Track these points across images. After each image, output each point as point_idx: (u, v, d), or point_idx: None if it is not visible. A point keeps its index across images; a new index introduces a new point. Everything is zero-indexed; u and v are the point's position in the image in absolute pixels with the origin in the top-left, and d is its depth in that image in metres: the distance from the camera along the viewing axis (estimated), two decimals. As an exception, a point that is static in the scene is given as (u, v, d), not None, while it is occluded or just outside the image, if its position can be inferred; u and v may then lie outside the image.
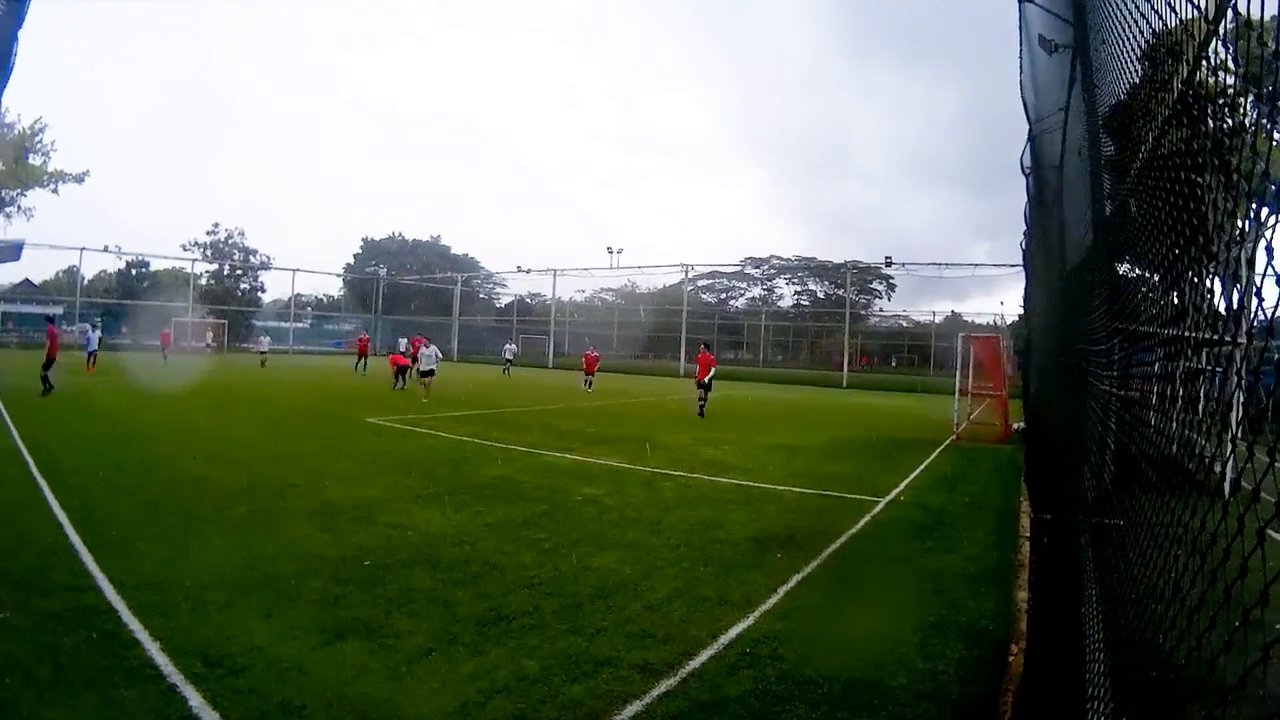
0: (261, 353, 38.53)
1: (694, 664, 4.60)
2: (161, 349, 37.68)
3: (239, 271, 67.80)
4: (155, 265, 65.34)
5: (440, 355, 24.15)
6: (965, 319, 60.67)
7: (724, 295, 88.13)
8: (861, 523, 8.61)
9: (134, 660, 4.24)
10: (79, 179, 49.00)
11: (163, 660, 4.24)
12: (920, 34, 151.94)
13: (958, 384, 20.43)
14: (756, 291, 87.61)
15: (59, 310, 58.72)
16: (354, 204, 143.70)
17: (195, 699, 3.84)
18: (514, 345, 46.75)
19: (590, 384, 29.59)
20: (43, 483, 8.46)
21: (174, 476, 9.31)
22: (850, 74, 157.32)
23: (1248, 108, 1.66)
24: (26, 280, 62.64)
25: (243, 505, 7.99)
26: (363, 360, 36.70)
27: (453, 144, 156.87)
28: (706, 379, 21.12)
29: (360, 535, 7.05)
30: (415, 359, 24.78)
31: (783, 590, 6.06)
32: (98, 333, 26.84)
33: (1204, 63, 1.82)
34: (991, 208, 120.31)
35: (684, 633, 5.08)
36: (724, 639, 5.00)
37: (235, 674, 4.15)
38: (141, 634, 4.57)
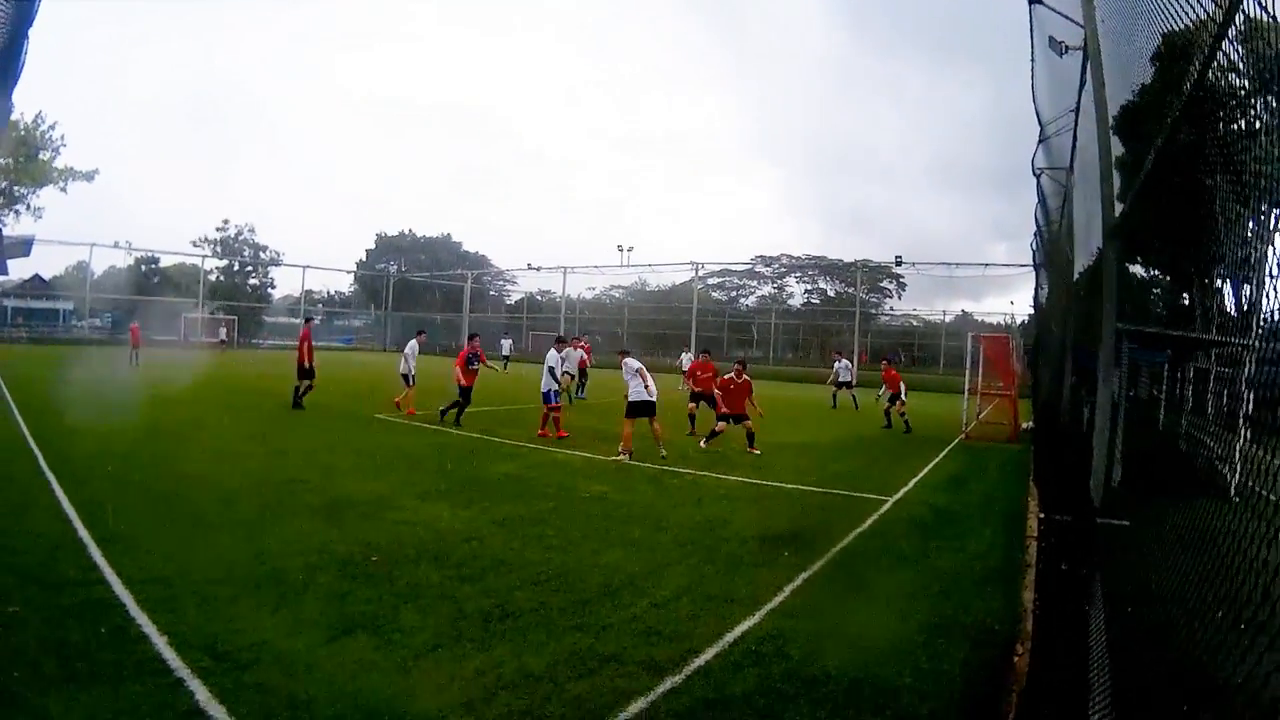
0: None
1: (699, 661, 4.59)
2: (131, 348, 30.07)
3: (249, 268, 68.05)
4: (165, 261, 65.77)
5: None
6: (975, 318, 60.47)
7: (734, 294, 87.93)
8: (869, 521, 8.58)
9: (141, 654, 4.27)
10: (88, 177, 49.08)
11: (170, 654, 4.26)
12: (940, 31, 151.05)
13: (967, 383, 20.35)
14: (767, 290, 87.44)
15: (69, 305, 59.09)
16: (365, 202, 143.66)
17: (202, 693, 3.86)
18: (510, 339, 44.72)
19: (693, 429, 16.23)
20: (51, 476, 8.52)
21: (183, 472, 9.36)
22: (869, 71, 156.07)
23: (1259, 109, 1.64)
24: (37, 276, 62.74)
25: (251, 500, 8.03)
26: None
27: (464, 141, 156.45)
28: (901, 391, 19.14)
29: (368, 531, 7.07)
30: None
31: (789, 588, 6.05)
32: None
33: (1214, 64, 1.80)
34: (1013, 207, 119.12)
35: (690, 630, 5.08)
36: (730, 637, 5.00)
37: (242, 668, 4.17)
38: (149, 628, 4.60)
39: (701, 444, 13.89)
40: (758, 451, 13.41)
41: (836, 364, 25.98)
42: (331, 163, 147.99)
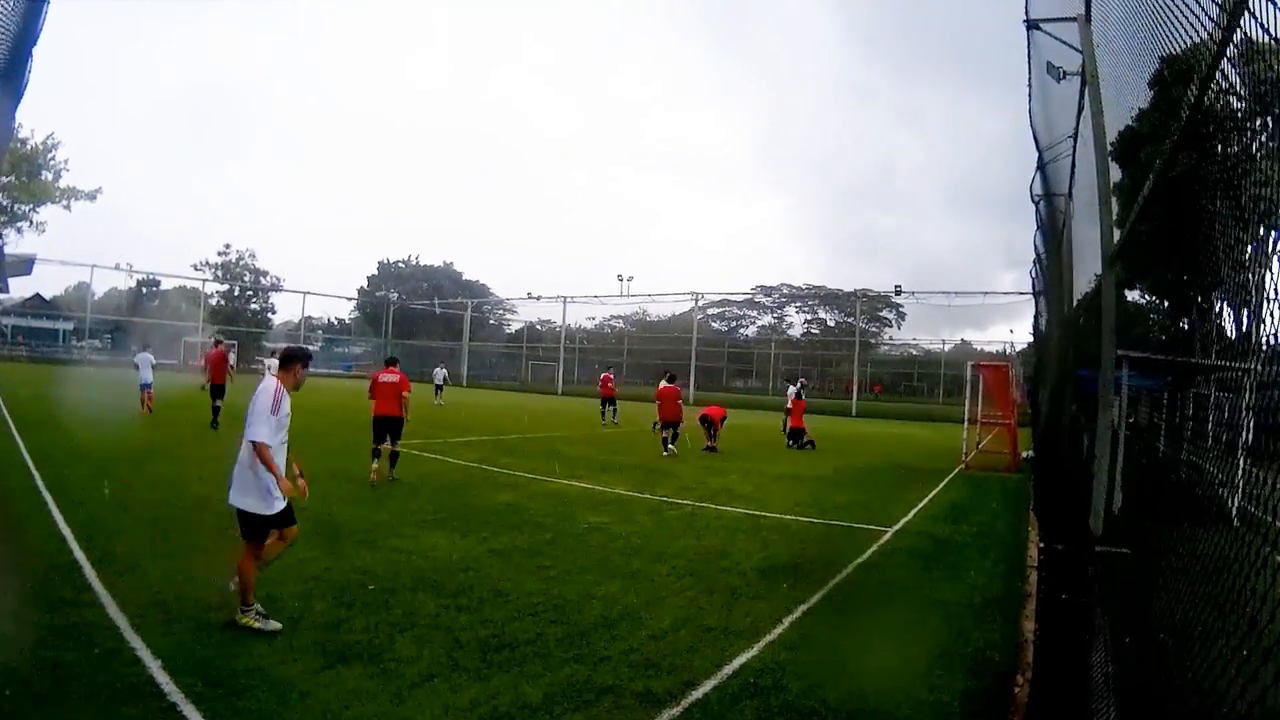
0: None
1: (697, 694, 4.54)
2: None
3: (249, 292, 68.32)
4: (166, 284, 66.17)
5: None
6: (974, 346, 60.46)
7: (734, 324, 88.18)
8: (868, 552, 8.53)
9: (135, 677, 4.23)
10: (91, 196, 49.47)
11: (163, 678, 4.22)
12: (954, 54, 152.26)
13: (966, 412, 20.32)
14: (767, 320, 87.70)
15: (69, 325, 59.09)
16: (367, 229, 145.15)
17: (196, 718, 3.82)
18: (444, 369, 36.35)
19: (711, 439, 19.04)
20: (48, 497, 8.48)
21: (179, 495, 9.32)
22: (880, 93, 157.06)
23: (1258, 131, 1.65)
24: (38, 295, 62.79)
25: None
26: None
27: (466, 169, 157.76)
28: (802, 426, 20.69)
29: (365, 559, 7.03)
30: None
31: (788, 620, 6.00)
32: None
33: (1212, 87, 1.81)
34: (1023, 233, 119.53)
35: (688, 662, 5.03)
36: (728, 669, 4.94)
37: (236, 694, 4.13)
38: (143, 651, 4.56)
39: None
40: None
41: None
42: (336, 188, 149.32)
